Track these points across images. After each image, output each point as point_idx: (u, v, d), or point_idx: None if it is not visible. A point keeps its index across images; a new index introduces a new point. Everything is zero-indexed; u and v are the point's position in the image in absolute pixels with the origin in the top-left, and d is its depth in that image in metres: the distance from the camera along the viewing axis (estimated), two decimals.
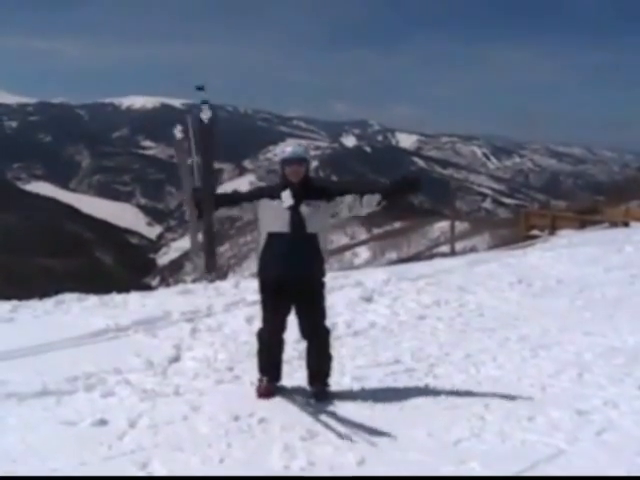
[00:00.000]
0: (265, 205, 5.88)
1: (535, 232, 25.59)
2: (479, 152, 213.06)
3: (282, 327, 6.07)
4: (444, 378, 6.68)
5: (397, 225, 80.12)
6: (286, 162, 5.84)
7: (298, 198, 5.77)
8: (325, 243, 5.97)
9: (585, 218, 25.94)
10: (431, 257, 17.70)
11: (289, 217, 5.77)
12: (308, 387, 6.14)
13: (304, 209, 5.78)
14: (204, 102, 5.93)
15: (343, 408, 5.82)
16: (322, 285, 6.02)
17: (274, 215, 5.81)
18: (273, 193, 5.88)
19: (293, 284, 5.83)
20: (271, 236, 5.86)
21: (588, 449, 4.96)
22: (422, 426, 5.38)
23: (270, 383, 6.14)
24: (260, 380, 6.16)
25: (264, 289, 6.03)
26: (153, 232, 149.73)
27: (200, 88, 5.89)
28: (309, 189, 5.85)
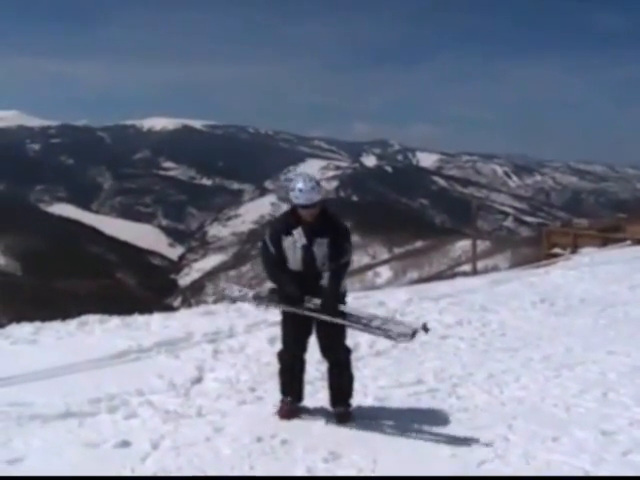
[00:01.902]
0: (283, 242, 5.89)
1: (557, 250, 25.43)
2: (500, 170, 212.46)
3: (303, 348, 6.06)
4: (467, 399, 6.64)
5: (418, 244, 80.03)
6: (300, 207, 5.86)
7: (311, 237, 5.80)
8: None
9: (607, 236, 25.74)
10: (453, 276, 17.65)
11: (301, 257, 5.81)
12: (330, 408, 6.12)
13: (316, 249, 5.80)
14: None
15: (366, 429, 5.80)
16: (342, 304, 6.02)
17: (290, 253, 5.84)
18: (285, 228, 5.90)
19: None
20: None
21: (614, 470, 4.91)
22: (446, 447, 5.35)
23: (292, 404, 6.14)
24: (282, 401, 6.16)
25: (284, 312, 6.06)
26: (175, 253, 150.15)
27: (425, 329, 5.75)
28: (321, 225, 5.86)
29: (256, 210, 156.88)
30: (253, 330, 9.15)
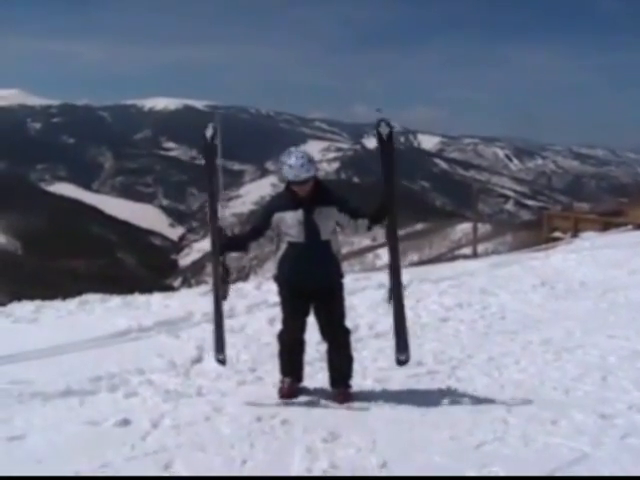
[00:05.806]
0: (279, 218, 5.87)
1: (558, 234, 25.37)
2: (501, 154, 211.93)
3: (302, 328, 6.08)
4: (466, 381, 6.66)
5: (419, 227, 79.94)
6: (291, 183, 5.84)
7: (310, 207, 5.79)
8: (337, 245, 5.99)
9: (608, 220, 25.66)
10: (453, 259, 17.59)
11: (304, 227, 5.79)
12: (330, 388, 6.14)
13: (317, 217, 5.80)
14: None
15: (365, 410, 5.82)
16: (341, 286, 6.03)
17: (289, 226, 5.82)
18: (282, 204, 5.90)
19: (311, 290, 5.86)
20: (289, 245, 5.88)
21: (612, 453, 4.92)
22: (445, 429, 5.36)
23: (292, 384, 6.16)
24: (282, 381, 6.18)
25: (282, 292, 6.06)
26: (175, 233, 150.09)
27: None
28: (319, 195, 5.86)
29: (257, 191, 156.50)
30: (253, 310, 9.19)
